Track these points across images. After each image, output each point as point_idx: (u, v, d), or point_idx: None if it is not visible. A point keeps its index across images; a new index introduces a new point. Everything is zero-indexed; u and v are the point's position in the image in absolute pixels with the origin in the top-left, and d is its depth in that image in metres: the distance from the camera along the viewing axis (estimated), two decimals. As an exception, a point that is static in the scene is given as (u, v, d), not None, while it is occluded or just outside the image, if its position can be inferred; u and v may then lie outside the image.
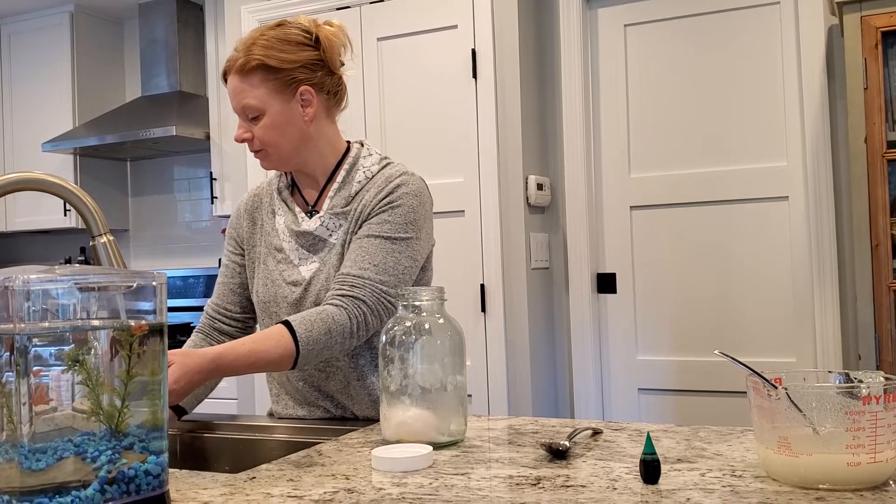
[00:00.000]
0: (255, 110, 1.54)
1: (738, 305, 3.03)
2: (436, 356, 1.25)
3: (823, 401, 0.94)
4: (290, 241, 1.61)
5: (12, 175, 1.26)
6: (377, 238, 1.53)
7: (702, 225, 3.09)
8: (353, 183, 1.61)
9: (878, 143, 2.52)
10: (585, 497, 0.95)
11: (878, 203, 2.51)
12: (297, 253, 1.61)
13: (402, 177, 1.59)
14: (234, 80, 1.55)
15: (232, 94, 1.56)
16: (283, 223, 1.63)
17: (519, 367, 3.05)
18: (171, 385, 1.31)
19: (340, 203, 1.60)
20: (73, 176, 4.42)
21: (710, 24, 3.09)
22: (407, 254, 1.54)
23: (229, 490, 1.04)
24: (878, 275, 2.51)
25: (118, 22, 4.75)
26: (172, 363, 1.33)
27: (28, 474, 0.85)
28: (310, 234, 1.60)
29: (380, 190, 1.57)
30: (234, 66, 1.55)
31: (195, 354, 1.35)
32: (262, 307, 1.64)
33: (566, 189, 3.22)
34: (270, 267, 1.63)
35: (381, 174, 1.61)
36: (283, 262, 1.62)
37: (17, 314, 0.86)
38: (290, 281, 1.60)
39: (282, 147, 1.58)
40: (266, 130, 1.56)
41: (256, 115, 1.55)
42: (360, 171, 1.62)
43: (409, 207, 1.56)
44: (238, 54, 1.55)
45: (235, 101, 1.56)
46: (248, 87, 1.54)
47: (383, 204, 1.56)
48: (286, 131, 1.57)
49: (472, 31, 3.10)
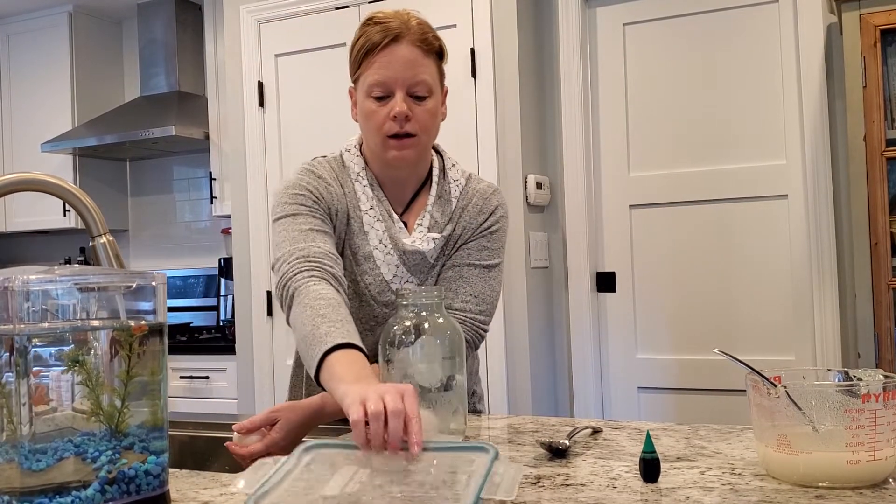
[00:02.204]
0: (427, 89, 1.44)
1: (737, 304, 3.03)
2: (435, 356, 1.25)
3: (823, 399, 0.94)
4: (391, 255, 1.47)
5: (12, 175, 1.26)
6: (476, 267, 1.50)
7: (701, 223, 3.09)
8: (450, 198, 1.53)
9: (877, 142, 2.52)
10: (585, 496, 0.95)
11: (877, 201, 2.52)
12: (394, 269, 1.48)
13: (496, 196, 1.56)
14: (412, 51, 1.41)
15: (406, 63, 1.40)
16: (384, 231, 1.47)
17: (518, 366, 3.05)
18: (280, 441, 1.28)
19: (442, 220, 1.51)
20: (73, 176, 4.42)
21: (709, 22, 3.09)
22: (498, 279, 1.54)
23: (230, 490, 1.05)
24: (878, 273, 2.51)
25: (117, 22, 4.75)
26: (278, 419, 1.31)
27: (28, 475, 0.85)
28: (420, 253, 1.48)
29: (479, 211, 1.53)
30: (409, 35, 1.41)
31: (299, 408, 1.32)
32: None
33: (565, 188, 3.22)
34: (353, 275, 1.48)
35: (473, 190, 1.55)
36: (370, 274, 1.47)
37: (17, 314, 0.86)
38: (382, 300, 1.49)
39: (431, 136, 1.49)
40: (430, 114, 1.46)
41: (426, 95, 1.44)
42: (453, 185, 1.54)
43: (503, 231, 1.56)
44: (405, 26, 1.42)
45: (410, 72, 1.41)
46: (427, 63, 1.45)
47: (484, 228, 1.53)
48: (436, 122, 1.50)
49: (471, 30, 3.10)
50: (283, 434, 1.30)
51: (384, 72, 1.40)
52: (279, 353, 3.38)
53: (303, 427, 1.33)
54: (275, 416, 1.32)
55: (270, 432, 1.31)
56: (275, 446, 1.29)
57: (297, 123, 3.39)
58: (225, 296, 4.28)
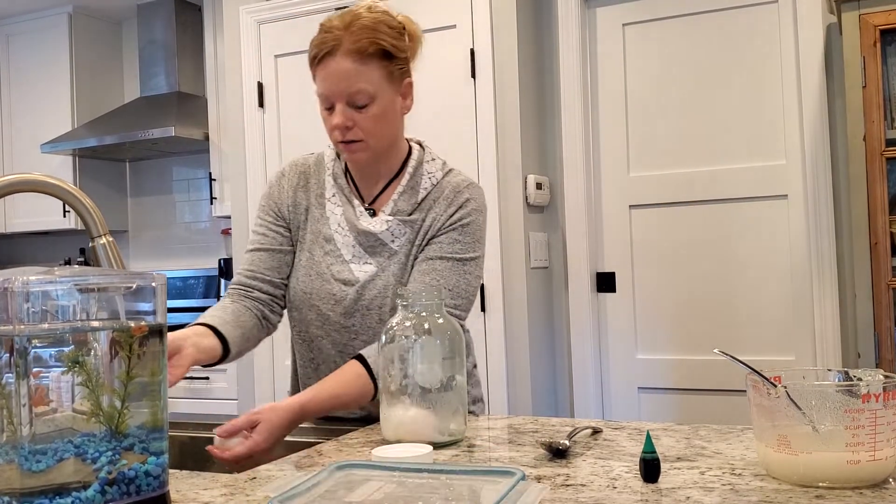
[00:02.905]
0: (367, 97, 1.46)
1: (737, 304, 3.03)
2: (435, 356, 1.25)
3: (823, 399, 0.94)
4: (347, 236, 1.55)
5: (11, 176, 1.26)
6: (448, 260, 1.51)
7: (701, 224, 3.09)
8: (418, 189, 1.56)
9: (876, 141, 2.52)
10: (585, 496, 0.95)
11: (876, 201, 2.52)
12: (352, 250, 1.54)
13: (470, 189, 1.57)
14: (344, 62, 1.44)
15: (339, 76, 1.45)
16: (342, 214, 1.56)
17: (518, 367, 3.05)
18: (262, 443, 1.27)
19: (406, 209, 1.55)
20: (73, 177, 4.42)
21: (709, 22, 3.09)
22: (475, 273, 1.54)
23: (230, 490, 1.05)
24: (878, 273, 2.51)
25: (116, 23, 4.75)
26: (260, 421, 1.29)
27: (28, 475, 0.85)
28: (373, 234, 1.53)
29: (449, 203, 1.55)
30: (342, 47, 1.44)
31: (280, 409, 1.32)
32: (303, 298, 1.57)
33: (565, 188, 3.22)
34: (317, 257, 1.56)
35: (447, 182, 1.57)
36: (332, 255, 1.55)
37: (17, 315, 0.86)
38: (340, 278, 1.54)
39: (383, 139, 1.52)
40: (374, 120, 1.48)
41: (366, 102, 1.46)
42: (426, 177, 1.57)
43: (477, 225, 1.55)
44: (344, 34, 1.45)
45: (344, 84, 1.45)
46: (365, 70, 1.45)
47: (454, 221, 1.53)
48: (391, 123, 1.52)
49: (470, 30, 3.10)
50: (265, 436, 1.28)
51: (324, 85, 1.48)
52: (279, 353, 3.38)
53: (284, 428, 1.32)
54: (256, 419, 1.30)
55: (252, 434, 1.29)
56: (257, 448, 1.27)
57: (296, 124, 3.39)
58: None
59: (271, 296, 1.61)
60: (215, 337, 1.48)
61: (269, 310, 1.61)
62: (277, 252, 1.61)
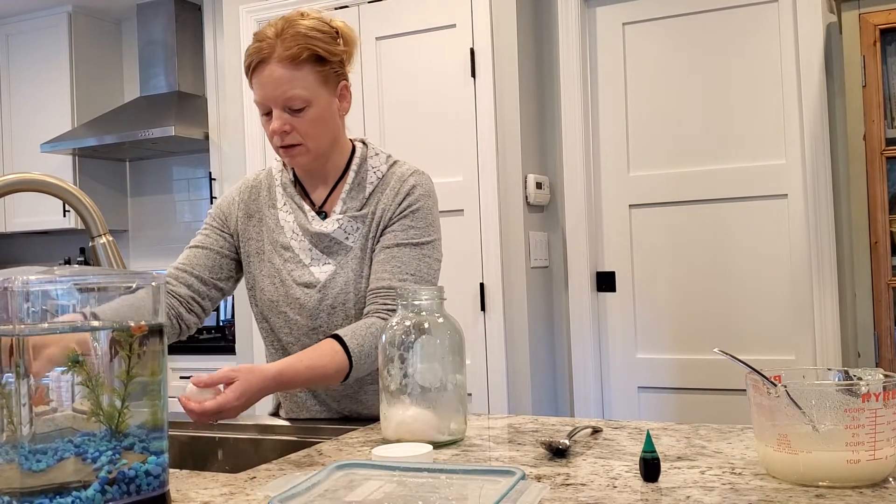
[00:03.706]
0: (302, 101, 1.49)
1: (737, 303, 3.03)
2: (435, 355, 1.25)
3: (823, 398, 0.94)
4: (302, 241, 1.58)
5: (11, 176, 1.26)
6: (406, 246, 1.54)
7: (701, 223, 3.09)
8: (365, 184, 1.59)
9: (876, 141, 2.52)
10: (586, 495, 0.95)
11: (876, 200, 2.52)
12: (309, 253, 1.57)
13: (414, 176, 1.60)
14: (277, 69, 1.47)
15: (274, 83, 1.48)
16: (294, 221, 1.59)
17: (518, 366, 3.05)
18: (233, 401, 1.27)
19: (355, 206, 1.58)
20: (72, 176, 4.42)
21: (709, 22, 3.09)
22: (435, 256, 1.57)
23: (229, 490, 1.05)
24: (878, 272, 2.51)
25: (116, 22, 4.75)
26: (237, 379, 1.29)
27: (28, 475, 0.85)
28: (326, 235, 1.56)
29: (396, 193, 1.57)
30: (275, 54, 1.47)
31: (258, 371, 1.33)
32: (269, 305, 1.60)
33: (565, 188, 3.22)
34: (277, 265, 1.59)
35: (392, 174, 1.60)
36: (292, 262, 1.58)
37: (17, 315, 0.86)
38: (301, 282, 1.57)
39: (322, 141, 1.54)
40: (311, 123, 1.51)
41: (302, 106, 1.49)
42: (371, 172, 1.60)
43: (427, 209, 1.58)
44: (276, 42, 1.48)
45: (279, 90, 1.48)
46: (298, 76, 1.48)
47: (403, 208, 1.56)
48: (328, 125, 1.54)
49: (470, 30, 3.10)
50: (237, 395, 1.27)
51: (260, 93, 1.50)
52: (279, 353, 3.38)
53: (257, 392, 1.31)
54: (233, 376, 1.29)
55: (226, 391, 1.28)
56: (227, 406, 1.26)
57: (296, 123, 3.38)
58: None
59: (195, 292, 1.61)
60: None
61: (185, 308, 1.59)
62: (215, 253, 1.63)
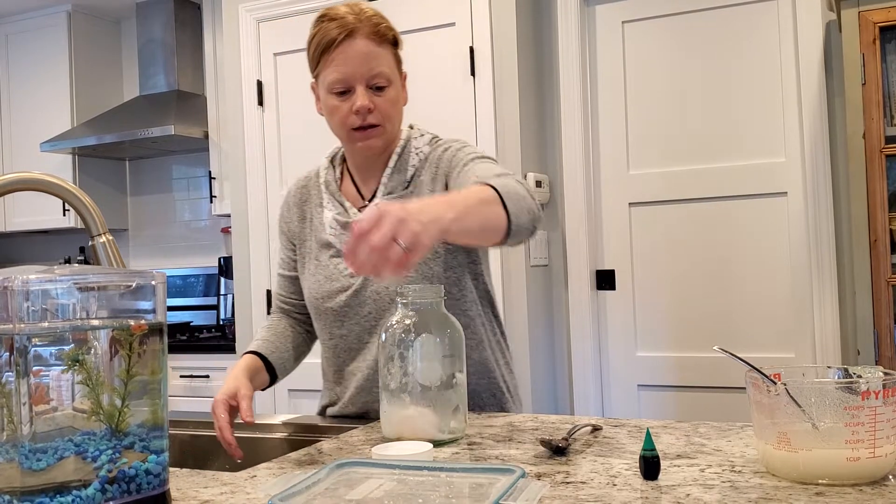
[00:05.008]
0: (385, 80, 1.47)
1: (736, 301, 3.03)
2: (435, 354, 1.25)
3: (822, 396, 0.94)
4: (342, 234, 1.54)
5: (11, 175, 1.26)
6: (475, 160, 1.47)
7: (700, 221, 3.09)
8: (406, 167, 1.55)
9: (876, 139, 2.52)
10: (585, 493, 0.95)
11: (876, 198, 2.52)
12: None
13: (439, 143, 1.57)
14: (365, 44, 1.45)
15: (362, 57, 1.44)
16: (332, 217, 1.56)
17: (518, 365, 3.05)
18: (426, 241, 1.08)
19: (398, 189, 1.54)
20: (72, 176, 4.42)
21: (708, 20, 3.09)
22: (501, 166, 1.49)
23: (230, 489, 1.05)
24: (877, 270, 2.51)
25: (115, 21, 4.75)
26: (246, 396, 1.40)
27: (29, 474, 0.85)
28: None
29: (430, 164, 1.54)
30: (362, 29, 1.45)
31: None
32: (316, 304, 1.57)
33: (565, 186, 3.22)
34: (323, 262, 1.57)
35: (433, 153, 1.56)
36: (337, 256, 1.55)
37: (17, 314, 0.86)
38: (347, 273, 1.53)
39: (395, 126, 1.52)
40: (391, 104, 1.49)
41: (385, 85, 1.47)
42: (413, 154, 1.56)
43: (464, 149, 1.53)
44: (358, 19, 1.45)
45: (367, 66, 1.45)
46: (383, 53, 1.47)
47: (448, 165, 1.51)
48: (399, 107, 1.53)
49: (469, 28, 3.10)
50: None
51: (343, 68, 1.45)
52: (279, 351, 3.38)
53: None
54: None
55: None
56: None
57: (296, 122, 3.38)
58: (225, 295, 4.28)
59: (304, 314, 1.67)
60: (265, 371, 1.57)
61: (309, 325, 1.67)
62: (294, 279, 1.66)
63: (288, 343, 1.63)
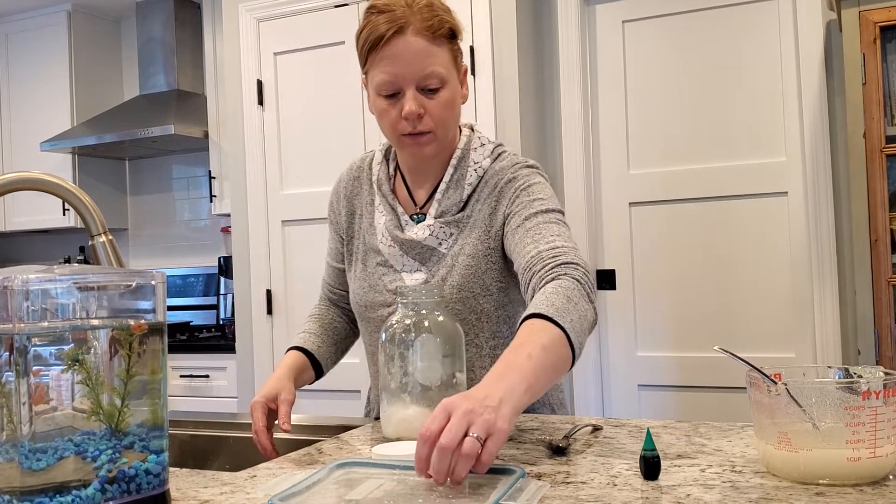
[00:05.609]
0: (439, 81, 1.32)
1: (737, 301, 3.03)
2: (435, 354, 1.25)
3: (823, 396, 0.94)
4: (392, 247, 1.44)
5: (11, 175, 1.26)
6: (538, 215, 1.33)
7: (701, 221, 3.09)
8: (463, 183, 1.42)
9: (876, 138, 2.52)
10: (586, 493, 0.95)
11: (876, 198, 2.51)
12: (401, 259, 1.44)
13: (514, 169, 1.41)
14: (416, 41, 1.30)
15: (412, 56, 1.30)
16: (384, 225, 1.45)
17: (519, 364, 3.05)
18: (503, 425, 0.97)
19: (452, 209, 1.42)
20: (72, 175, 4.42)
21: (708, 19, 3.08)
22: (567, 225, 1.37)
23: (230, 489, 1.05)
24: (878, 270, 2.51)
25: (115, 21, 4.75)
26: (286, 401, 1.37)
27: (28, 474, 0.85)
28: (417, 243, 1.42)
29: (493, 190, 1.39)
30: (412, 24, 1.30)
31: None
32: (361, 312, 1.50)
33: (565, 185, 3.22)
34: (369, 269, 1.47)
35: (493, 171, 1.42)
36: (384, 266, 1.46)
37: (17, 314, 0.86)
38: (391, 289, 1.44)
39: (450, 130, 1.38)
40: (445, 107, 1.34)
41: (438, 86, 1.33)
42: (471, 169, 1.42)
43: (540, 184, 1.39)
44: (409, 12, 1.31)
45: (419, 66, 1.30)
46: (437, 51, 1.31)
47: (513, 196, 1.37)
48: (455, 109, 1.38)
49: (470, 27, 3.10)
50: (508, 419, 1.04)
51: (391, 69, 1.31)
52: (279, 351, 3.38)
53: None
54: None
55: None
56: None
57: (296, 122, 3.38)
58: (224, 294, 4.28)
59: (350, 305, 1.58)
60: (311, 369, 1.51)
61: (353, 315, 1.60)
62: (342, 271, 1.59)
63: (335, 336, 1.58)
